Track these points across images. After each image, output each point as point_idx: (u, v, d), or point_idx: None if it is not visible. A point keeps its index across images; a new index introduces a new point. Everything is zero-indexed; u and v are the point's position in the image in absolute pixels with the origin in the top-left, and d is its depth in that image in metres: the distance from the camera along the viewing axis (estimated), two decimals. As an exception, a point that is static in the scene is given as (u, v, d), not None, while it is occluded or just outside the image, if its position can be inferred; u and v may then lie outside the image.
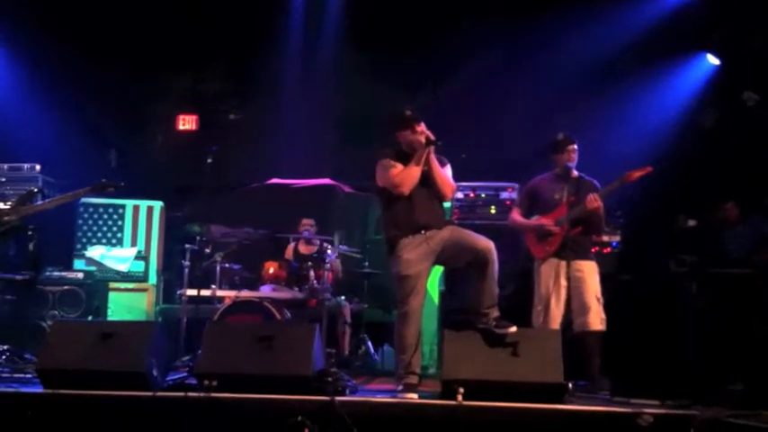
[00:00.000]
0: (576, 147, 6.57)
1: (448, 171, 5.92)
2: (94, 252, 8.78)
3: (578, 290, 6.37)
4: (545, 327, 6.23)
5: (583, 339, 6.30)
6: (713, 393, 5.79)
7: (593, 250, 6.78)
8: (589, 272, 6.42)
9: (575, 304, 6.36)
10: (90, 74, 9.53)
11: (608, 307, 6.40)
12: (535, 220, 6.59)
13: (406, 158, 5.77)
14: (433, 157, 5.77)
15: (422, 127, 5.75)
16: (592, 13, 8.68)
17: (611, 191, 6.46)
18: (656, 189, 7.43)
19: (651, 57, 8.75)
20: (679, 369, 6.68)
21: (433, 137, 5.72)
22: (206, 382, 5.19)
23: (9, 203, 6.70)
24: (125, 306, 8.60)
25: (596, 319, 6.30)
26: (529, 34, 8.92)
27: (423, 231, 5.70)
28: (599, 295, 6.38)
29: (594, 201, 6.33)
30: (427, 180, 5.76)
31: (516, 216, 6.72)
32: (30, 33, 9.32)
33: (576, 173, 6.61)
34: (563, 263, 6.37)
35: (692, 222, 7.51)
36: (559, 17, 8.70)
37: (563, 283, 6.34)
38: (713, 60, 8.72)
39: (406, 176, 5.70)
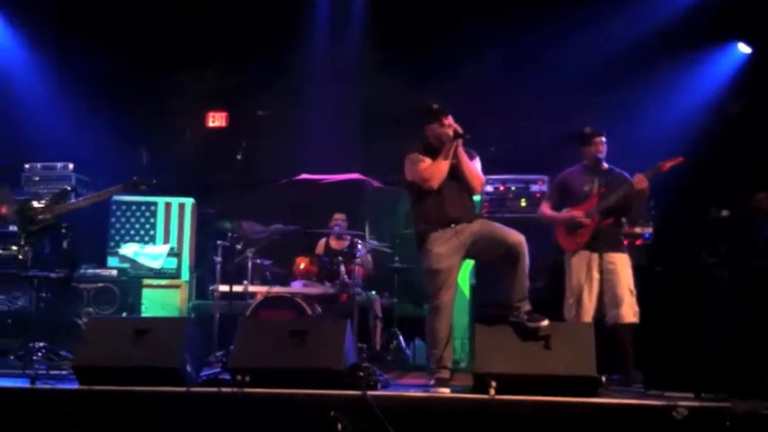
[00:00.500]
0: (603, 139, 6.51)
1: (477, 164, 5.90)
2: (128, 249, 8.86)
3: (611, 282, 6.31)
4: (577, 320, 6.19)
5: (616, 332, 6.25)
6: (748, 385, 5.75)
7: (624, 242, 6.73)
8: (621, 264, 6.37)
9: (607, 297, 6.31)
10: (120, 72, 9.61)
11: (640, 299, 6.35)
12: (565, 213, 6.55)
13: (434, 152, 5.76)
14: (461, 151, 5.76)
15: (449, 120, 5.74)
16: (621, 2, 8.61)
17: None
18: (688, 179, 7.36)
19: (680, 46, 8.66)
20: (713, 361, 6.63)
21: (461, 130, 5.71)
22: (239, 378, 5.23)
23: (43, 202, 6.76)
24: (158, 302, 8.67)
25: (629, 312, 6.25)
26: (555, 25, 8.86)
27: (452, 225, 5.69)
28: (632, 287, 6.32)
29: (642, 181, 6.23)
30: (456, 173, 5.75)
31: (546, 209, 6.68)
32: (60, 34, 9.42)
33: (606, 165, 6.55)
34: (595, 255, 6.31)
35: (724, 212, 7.43)
36: (589, 7, 8.64)
37: (595, 275, 6.28)
38: (744, 49, 8.61)
39: (434, 171, 5.69)
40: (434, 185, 5.69)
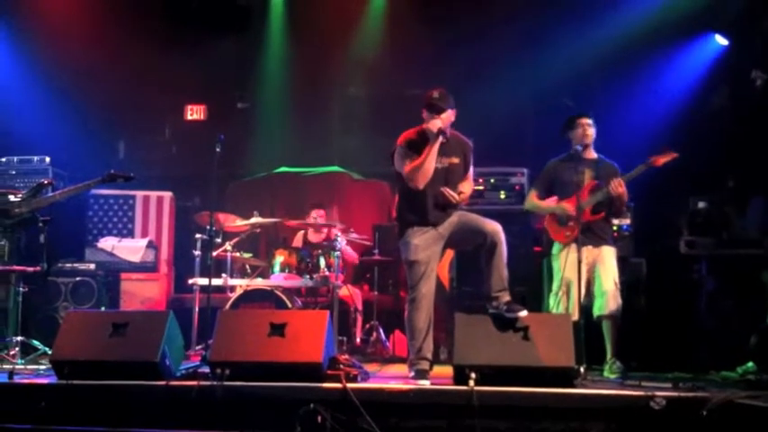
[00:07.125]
0: (589, 121, 6.45)
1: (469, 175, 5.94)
2: (106, 243, 8.81)
3: (597, 274, 6.32)
4: (565, 311, 6.17)
5: (601, 324, 6.29)
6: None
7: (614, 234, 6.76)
8: (608, 257, 6.37)
9: (593, 289, 6.33)
10: (98, 65, 9.53)
11: (620, 290, 6.39)
12: (554, 203, 6.51)
13: (424, 143, 5.71)
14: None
15: (446, 114, 5.70)
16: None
17: (636, 176, 6.31)
18: (667, 170, 7.39)
19: (660, 38, 8.68)
20: (691, 351, 6.69)
21: (445, 129, 5.67)
22: (219, 371, 5.21)
23: (20, 196, 6.70)
24: (137, 296, 8.63)
25: (613, 304, 6.27)
26: (537, 18, 8.88)
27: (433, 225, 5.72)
28: (617, 280, 6.34)
29: (619, 186, 6.23)
30: (447, 173, 5.75)
31: (535, 199, 6.65)
32: (38, 27, 9.35)
33: (594, 154, 6.51)
34: (584, 248, 6.23)
35: (702, 204, 7.47)
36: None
37: (584, 268, 6.20)
38: (721, 41, 8.66)
39: (419, 174, 5.65)
40: (419, 187, 5.68)
